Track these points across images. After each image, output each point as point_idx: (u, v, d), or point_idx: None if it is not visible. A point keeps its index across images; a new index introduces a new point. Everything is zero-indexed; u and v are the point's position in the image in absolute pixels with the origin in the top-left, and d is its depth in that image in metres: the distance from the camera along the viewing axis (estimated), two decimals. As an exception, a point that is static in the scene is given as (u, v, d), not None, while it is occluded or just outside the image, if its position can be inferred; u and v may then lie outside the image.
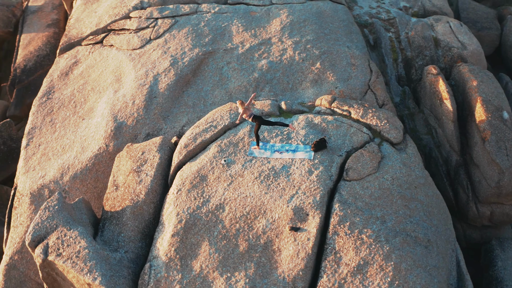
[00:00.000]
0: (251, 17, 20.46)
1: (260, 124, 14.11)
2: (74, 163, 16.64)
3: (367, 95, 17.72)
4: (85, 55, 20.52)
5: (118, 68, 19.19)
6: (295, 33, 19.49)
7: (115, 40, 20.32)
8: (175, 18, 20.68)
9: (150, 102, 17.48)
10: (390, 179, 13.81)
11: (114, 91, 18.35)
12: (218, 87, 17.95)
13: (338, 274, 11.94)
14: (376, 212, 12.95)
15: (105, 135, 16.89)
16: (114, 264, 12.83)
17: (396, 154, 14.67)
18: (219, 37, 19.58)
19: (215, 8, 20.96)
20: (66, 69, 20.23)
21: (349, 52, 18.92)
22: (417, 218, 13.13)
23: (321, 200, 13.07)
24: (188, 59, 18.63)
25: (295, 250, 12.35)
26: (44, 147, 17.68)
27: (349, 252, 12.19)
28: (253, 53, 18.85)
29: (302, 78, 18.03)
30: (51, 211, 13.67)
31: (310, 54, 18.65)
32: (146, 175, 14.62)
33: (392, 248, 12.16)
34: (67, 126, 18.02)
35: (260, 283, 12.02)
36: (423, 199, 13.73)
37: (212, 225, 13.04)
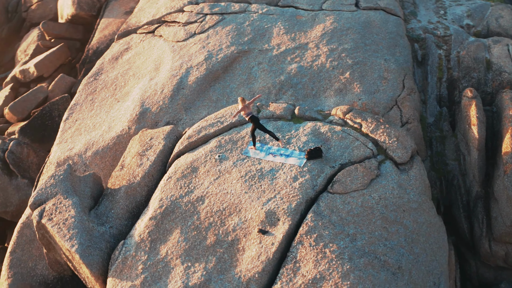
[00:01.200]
0: (295, 21, 20.49)
1: (255, 126, 14.24)
2: (99, 141, 17.88)
3: (392, 111, 17.05)
4: (136, 42, 21.85)
5: (159, 58, 20.23)
6: (333, 41, 19.22)
7: (164, 31, 21.40)
8: (223, 16, 21.30)
9: (177, 92, 18.25)
10: (377, 198, 13.28)
11: (150, 78, 19.38)
12: (244, 86, 18.27)
13: (293, 283, 11.78)
14: (349, 229, 12.55)
15: (130, 118, 17.95)
16: (96, 236, 13.71)
17: (395, 174, 14.04)
18: (258, 38, 19.87)
19: (263, 9, 21.26)
20: (117, 54, 21.69)
21: (385, 65, 18.28)
22: (394, 243, 12.52)
23: (296, 207, 12.93)
24: (222, 56, 19.14)
25: (257, 252, 12.38)
26: (80, 122, 19.17)
27: (308, 264, 11.97)
28: (286, 56, 18.91)
29: (327, 86, 17.78)
30: (56, 179, 14.90)
31: (342, 63, 18.30)
32: (147, 160, 15.38)
33: (352, 267, 11.74)
34: (103, 106, 19.37)
35: (215, 277, 12.22)
36: (409, 224, 13.04)
37: (188, 215, 13.45)
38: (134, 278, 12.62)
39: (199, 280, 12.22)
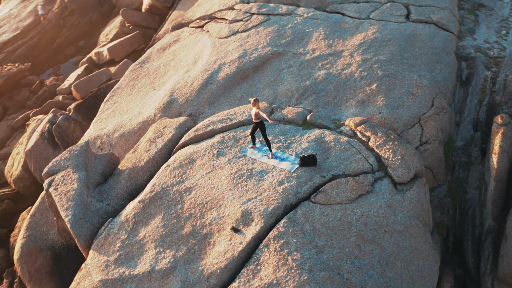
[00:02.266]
0: (338, 28, 20.18)
1: (256, 129, 14.18)
2: (127, 124, 18.92)
3: (412, 129, 16.28)
4: (185, 36, 22.72)
5: (200, 52, 20.91)
6: (370, 51, 18.70)
7: (211, 27, 22.05)
8: (269, 16, 21.50)
9: (205, 87, 18.78)
10: (359, 214, 12.84)
11: (186, 71, 20.11)
12: (269, 87, 18.37)
13: (250, 284, 11.80)
14: (319, 241, 12.28)
15: (157, 106, 18.78)
16: (91, 211, 14.62)
17: (388, 193, 13.47)
18: (296, 41, 19.84)
19: (309, 13, 21.17)
20: (166, 44, 22.71)
21: (417, 80, 17.48)
22: (364, 262, 12.07)
23: (272, 211, 12.89)
24: (256, 56, 19.37)
25: (225, 248, 12.53)
26: (117, 105, 20.38)
27: (269, 268, 11.91)
28: (317, 62, 18.72)
29: (350, 96, 17.36)
30: (71, 154, 16.06)
31: (372, 74, 17.76)
32: (155, 146, 16.06)
33: (310, 279, 11.51)
34: (140, 93, 20.42)
35: (181, 266, 12.56)
36: (387, 246, 12.48)
37: (174, 204, 13.91)
38: (110, 254, 13.32)
39: (165, 266, 12.62)
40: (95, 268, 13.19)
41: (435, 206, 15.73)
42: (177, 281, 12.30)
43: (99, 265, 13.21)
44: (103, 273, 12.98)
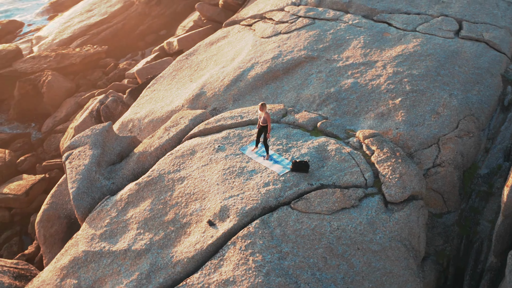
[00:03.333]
0: (379, 37, 19.60)
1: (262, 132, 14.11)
2: (157, 111, 19.80)
3: (428, 149, 15.47)
4: (234, 33, 23.22)
5: (240, 49, 21.29)
6: (404, 64, 17.98)
7: (258, 26, 22.34)
8: (314, 20, 21.36)
9: (234, 83, 19.14)
10: (334, 227, 12.53)
11: (223, 66, 20.60)
12: (294, 90, 18.32)
13: (208, 278, 12.01)
14: (285, 247, 12.16)
15: (187, 97, 19.46)
16: (95, 187, 15.59)
17: (374, 211, 12.99)
18: (333, 47, 19.57)
19: (354, 20, 20.75)
20: (215, 39, 23.36)
21: (446, 99, 16.55)
22: (326, 276, 11.78)
23: (249, 211, 12.95)
24: (289, 58, 19.38)
25: (197, 240, 12.83)
26: (155, 93, 21.36)
27: (230, 265, 12.03)
28: (347, 70, 18.35)
29: (371, 108, 16.84)
30: (92, 132, 17.17)
31: (399, 87, 17.08)
32: (167, 134, 16.70)
33: (264, 283, 11.46)
34: (178, 83, 21.24)
35: (154, 250, 13.04)
36: (357, 264, 12.07)
37: (165, 190, 14.43)
38: (98, 228, 14.13)
39: (140, 247, 13.17)
40: (82, 239, 14.08)
41: (438, 233, 14.85)
42: (147, 263, 12.79)
43: (86, 237, 14.08)
44: (88, 244, 13.82)
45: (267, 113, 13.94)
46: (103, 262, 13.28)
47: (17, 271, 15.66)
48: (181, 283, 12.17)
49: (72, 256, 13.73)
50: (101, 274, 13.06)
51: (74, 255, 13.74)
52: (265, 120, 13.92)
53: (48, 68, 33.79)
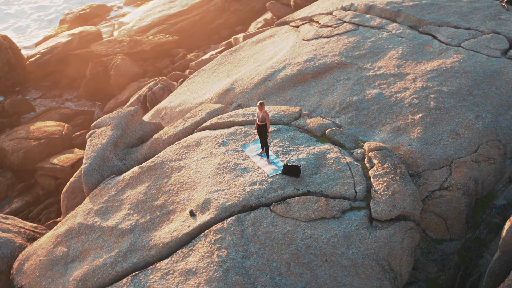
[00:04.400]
0: (419, 50, 18.77)
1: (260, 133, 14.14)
2: (189, 102, 20.45)
3: (439, 170, 14.64)
4: (281, 33, 23.30)
5: (280, 50, 21.36)
6: (436, 79, 17.09)
7: (303, 29, 22.26)
8: (358, 27, 20.88)
9: (262, 82, 19.28)
10: (307, 235, 12.33)
11: (258, 65, 20.80)
12: (318, 95, 18.09)
13: (175, 265, 12.35)
14: (252, 247, 12.18)
15: (217, 91, 19.91)
16: (107, 165, 16.50)
17: (354, 226, 12.61)
18: (369, 56, 19.05)
19: (398, 30, 20.02)
20: (262, 38, 23.59)
21: (471, 121, 15.54)
22: (286, 282, 11.65)
23: (228, 207, 13.10)
24: (321, 62, 19.15)
25: (175, 227, 13.22)
26: (193, 84, 22.03)
27: (196, 256, 12.28)
28: (375, 80, 17.79)
29: (389, 121, 16.22)
30: (118, 114, 18.15)
31: (423, 103, 16.29)
32: (183, 124, 17.24)
33: (221, 278, 11.58)
34: (215, 77, 21.75)
35: (137, 231, 13.60)
36: (321, 276, 11.80)
37: (162, 177, 14.96)
38: (96, 204, 14.98)
39: (126, 226, 13.80)
40: (80, 212, 15.00)
41: (433, 260, 14.06)
42: (128, 242, 13.39)
43: (84, 210, 14.97)
44: (83, 217, 14.70)
45: (266, 112, 13.90)
46: (92, 235, 14.07)
47: (33, 234, 16.94)
48: (151, 266, 12.62)
49: (68, 226, 14.68)
50: (87, 246, 13.85)
51: (70, 225, 14.68)
52: (263, 119, 13.82)
53: (120, 52, 35.80)
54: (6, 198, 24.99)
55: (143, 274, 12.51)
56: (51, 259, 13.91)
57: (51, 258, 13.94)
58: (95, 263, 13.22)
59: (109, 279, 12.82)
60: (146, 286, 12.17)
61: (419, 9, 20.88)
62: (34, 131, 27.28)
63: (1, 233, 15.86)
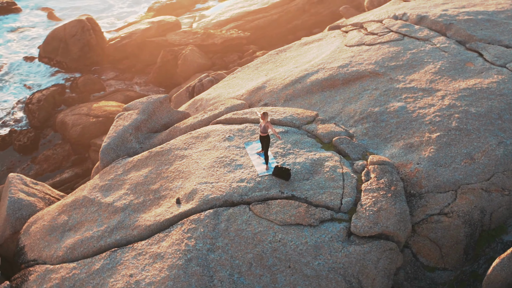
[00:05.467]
0: (460, 67, 17.70)
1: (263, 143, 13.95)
2: (223, 96, 20.86)
3: (443, 194, 13.78)
4: (330, 37, 22.99)
5: (321, 54, 21.11)
6: (467, 99, 16.05)
7: (350, 34, 21.81)
8: (404, 37, 20.08)
9: (292, 84, 19.20)
10: (277, 239, 12.23)
11: (295, 66, 20.73)
12: (342, 102, 17.68)
13: (149, 247, 12.81)
14: (220, 242, 12.31)
15: (249, 88, 20.14)
16: (125, 146, 17.37)
17: (328, 237, 12.30)
18: (405, 67, 18.29)
19: (443, 44, 18.99)
20: (310, 41, 23.45)
21: (491, 146, 14.46)
22: (243, 281, 11.66)
23: (210, 200, 13.32)
24: (354, 70, 18.69)
25: (160, 212, 13.69)
26: (234, 80, 22.43)
27: (168, 242, 12.66)
28: (403, 93, 17.05)
29: (404, 136, 15.49)
30: (147, 100, 18.99)
31: (444, 122, 15.38)
32: (202, 116, 17.70)
33: (182, 266, 11.86)
34: (255, 75, 21.97)
35: (128, 211, 14.23)
36: (281, 281, 11.67)
37: (165, 163, 15.49)
38: (102, 180, 15.85)
39: (120, 205, 14.50)
40: (88, 186, 15.96)
41: (419, 287, 13.29)
42: (117, 220, 14.07)
43: (91, 185, 15.91)
44: (88, 191, 15.63)
45: (269, 122, 13.53)
46: (91, 209, 14.93)
47: (56, 201, 18.26)
48: (130, 245, 13.19)
49: (75, 198, 15.69)
50: (84, 218, 14.74)
51: (76, 197, 15.67)
52: (265, 129, 13.57)
53: (193, 43, 37.10)
54: (60, 168, 27.03)
55: (120, 251, 13.10)
56: (52, 225, 14.96)
57: (53, 224, 14.99)
58: (85, 235, 14.04)
59: (93, 251, 13.57)
60: (119, 263, 12.76)
61: (472, 24, 19.62)
62: (95, 109, 29.17)
63: (26, 197, 17.25)
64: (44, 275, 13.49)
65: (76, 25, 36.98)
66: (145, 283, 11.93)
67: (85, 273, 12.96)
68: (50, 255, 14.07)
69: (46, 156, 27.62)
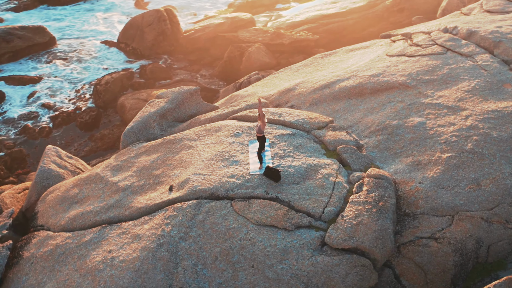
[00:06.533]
0: (496, 87, 16.57)
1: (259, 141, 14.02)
2: (256, 94, 21.10)
3: (438, 218, 13.07)
4: (376, 45, 22.39)
5: (360, 61, 20.65)
6: (491, 122, 15.03)
7: (396, 44, 21.12)
8: (447, 51, 19.11)
9: (321, 89, 19.01)
10: (247, 238, 12.30)
11: (332, 71, 20.46)
12: (364, 112, 17.23)
13: (133, 228, 13.41)
14: (193, 232, 12.59)
15: (281, 89, 20.20)
16: (147, 132, 18.18)
17: (299, 243, 12.16)
18: (437, 82, 17.44)
19: (485, 62, 17.84)
20: (357, 47, 23.00)
21: (503, 175, 13.43)
22: (206, 273, 11.88)
23: (198, 191, 13.63)
24: (384, 80, 18.13)
25: (153, 197, 14.26)
26: (274, 80, 22.58)
27: (149, 225, 13.17)
28: (427, 109, 16.28)
29: (415, 153, 14.81)
30: (178, 90, 19.72)
31: (459, 144, 14.52)
32: (223, 111, 18.08)
33: (152, 249, 12.29)
34: (292, 76, 21.95)
35: (127, 191, 14.95)
36: (242, 278, 11.74)
37: (173, 151, 16.04)
38: (116, 161, 16.74)
39: (122, 185, 15.28)
40: (103, 164, 16.94)
41: (396, 310, 12.72)
42: (116, 199, 14.85)
43: (106, 164, 16.86)
44: (102, 170, 16.59)
45: (264, 123, 13.47)
46: (99, 186, 15.86)
47: (85, 176, 19.51)
48: (119, 223, 13.89)
49: (89, 174, 16.73)
50: (91, 193, 15.69)
51: (91, 173, 16.70)
52: (260, 130, 13.62)
53: (261, 41, 37.57)
54: (112, 148, 28.68)
55: (109, 228, 13.84)
56: (64, 196, 16.09)
57: (64, 195, 16.11)
58: (87, 209, 14.97)
59: (89, 224, 14.44)
60: (105, 238, 13.49)
61: (524, 43, 18.23)
62: (153, 96, 30.56)
63: (57, 168, 18.64)
64: (44, 240, 14.57)
65: (153, 14, 38.87)
66: (118, 260, 12.53)
67: (76, 243, 13.84)
68: (54, 223, 15.15)
69: (103, 135, 29.42)
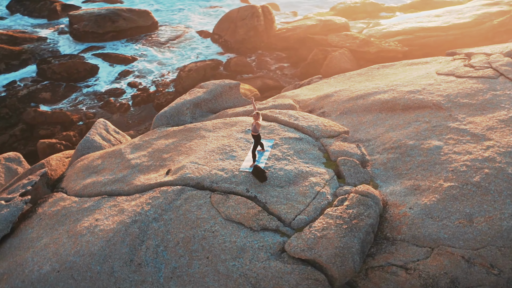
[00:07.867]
0: (536, 120, 15.06)
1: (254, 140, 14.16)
2: (300, 96, 21.07)
3: (416, 248, 12.31)
4: (436, 62, 21.16)
5: (408, 75, 19.74)
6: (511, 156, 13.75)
7: (454, 62, 19.88)
8: (500, 76, 17.61)
9: (355, 99, 18.52)
10: (211, 230, 12.58)
11: (376, 83, 19.81)
12: (388, 128, 16.51)
13: (123, 203, 14.30)
14: (167, 215, 13.12)
15: (319, 95, 20.01)
16: (178, 118, 19.08)
17: (259, 245, 12.17)
18: (474, 108, 16.20)
19: (537, 92, 16.23)
20: (416, 62, 21.96)
21: (502, 216, 12.21)
22: (164, 255, 12.37)
23: (187, 178, 14.13)
24: (419, 98, 17.21)
25: (151, 177, 15.06)
26: (323, 85, 22.32)
27: (135, 202, 13.97)
28: (450, 133, 15.21)
29: (418, 177, 13.97)
30: (219, 83, 20.38)
31: (467, 174, 13.45)
32: (250, 107, 18.35)
33: (125, 223, 13.06)
34: (341, 84, 21.52)
35: (135, 169, 15.89)
36: (195, 267, 12.07)
37: (187, 138, 16.72)
38: (140, 140, 17.83)
39: (133, 163, 16.29)
40: (128, 142, 18.11)
41: (352, 333, 12.23)
42: (123, 175, 15.89)
43: (131, 142, 18.02)
44: (125, 146, 17.77)
45: (258, 123, 13.52)
46: (117, 160, 17.04)
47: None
48: (115, 196, 14.90)
49: (114, 148, 18.01)
50: (108, 166, 16.92)
51: (116, 148, 17.97)
52: (255, 129, 13.72)
53: (349, 47, 37.02)
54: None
55: (107, 199, 14.89)
56: (87, 165, 17.52)
57: (88, 164, 17.54)
58: (99, 179, 16.20)
59: (94, 193, 15.63)
60: (99, 208, 14.55)
61: None
62: (224, 87, 31.60)
63: (100, 140, 20.28)
64: (57, 201, 16.05)
65: (248, 10, 39.95)
66: (98, 229, 13.49)
67: (77, 208, 15.08)
68: (71, 187, 16.59)
69: (172, 118, 31.11)
